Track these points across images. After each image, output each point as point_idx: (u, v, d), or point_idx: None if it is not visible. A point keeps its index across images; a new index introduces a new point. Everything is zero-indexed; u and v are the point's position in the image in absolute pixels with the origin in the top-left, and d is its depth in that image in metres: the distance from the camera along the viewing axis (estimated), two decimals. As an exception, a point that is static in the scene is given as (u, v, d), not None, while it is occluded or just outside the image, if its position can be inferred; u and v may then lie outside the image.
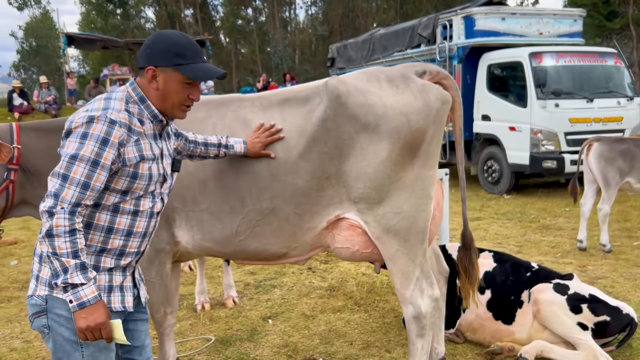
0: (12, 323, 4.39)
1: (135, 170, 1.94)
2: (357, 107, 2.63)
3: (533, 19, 10.36)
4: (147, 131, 2.00)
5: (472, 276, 3.08)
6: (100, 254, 1.96)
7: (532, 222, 7.51)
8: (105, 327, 1.83)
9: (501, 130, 9.64)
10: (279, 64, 36.10)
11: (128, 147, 1.91)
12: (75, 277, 1.77)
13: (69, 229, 1.77)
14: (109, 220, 1.95)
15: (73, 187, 1.80)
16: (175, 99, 2.00)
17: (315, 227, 2.80)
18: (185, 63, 1.96)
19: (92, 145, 1.82)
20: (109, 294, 1.98)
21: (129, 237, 2.01)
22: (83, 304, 1.78)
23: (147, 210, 2.03)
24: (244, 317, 4.37)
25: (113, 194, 1.94)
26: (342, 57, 14.54)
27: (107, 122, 1.85)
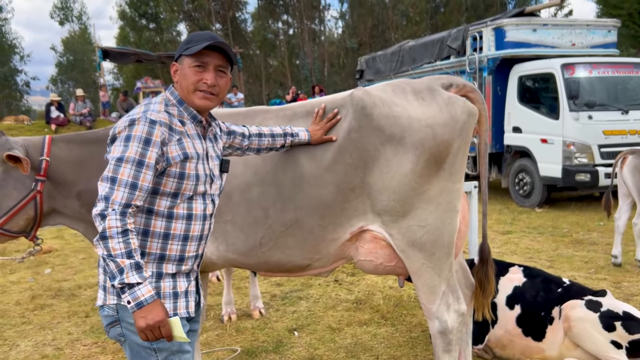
0: (45, 330, 4.49)
1: (182, 171, 1.96)
2: (383, 118, 2.63)
3: (565, 30, 10.21)
4: (190, 131, 2.03)
5: (486, 290, 3.05)
6: (161, 261, 1.99)
7: (565, 237, 7.33)
8: (165, 325, 1.83)
9: (533, 143, 9.48)
10: (308, 76, 36.35)
11: (171, 146, 1.93)
12: (131, 277, 1.78)
13: (122, 229, 1.79)
14: (165, 226, 1.97)
15: (122, 189, 1.83)
16: (188, 84, 2.03)
17: (339, 239, 2.79)
18: (189, 46, 2.01)
19: (136, 146, 1.86)
20: (175, 300, 2.00)
21: (186, 241, 2.02)
22: (141, 304, 1.79)
23: (200, 213, 2.05)
24: (270, 329, 4.37)
25: (164, 198, 1.96)
26: (370, 69, 14.56)
27: (148, 122, 1.89)
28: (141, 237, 1.95)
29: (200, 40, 2.02)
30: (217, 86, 2.06)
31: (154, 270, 1.97)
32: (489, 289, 3.10)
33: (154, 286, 1.86)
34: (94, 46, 26.02)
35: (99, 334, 4.36)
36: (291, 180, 2.74)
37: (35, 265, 6.63)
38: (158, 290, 1.97)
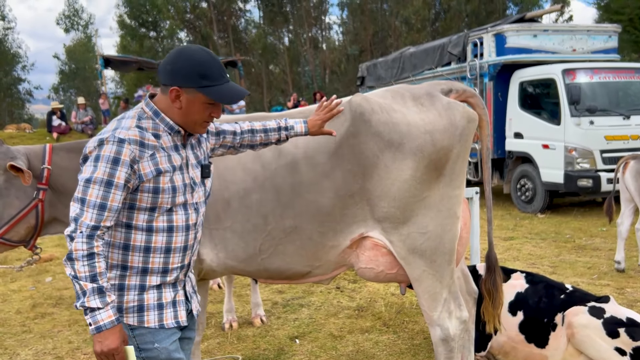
0: (45, 339, 4.47)
1: (156, 185, 1.91)
2: (381, 124, 2.62)
3: (566, 36, 10.21)
4: (165, 144, 1.96)
5: (495, 300, 2.99)
6: (144, 274, 1.97)
7: (567, 242, 7.30)
8: (118, 353, 1.82)
9: (534, 148, 9.47)
10: (310, 83, 36.43)
11: (143, 162, 1.88)
12: (92, 301, 1.78)
13: (87, 252, 1.79)
14: (145, 240, 1.95)
15: (90, 210, 1.81)
16: (197, 117, 1.98)
17: (339, 246, 2.78)
18: (211, 85, 1.92)
19: (104, 166, 1.83)
20: (160, 311, 1.99)
21: (169, 253, 1.99)
22: (99, 328, 1.79)
23: (181, 224, 2.00)
24: (271, 337, 4.35)
25: (141, 212, 1.93)
26: (371, 75, 14.58)
27: (116, 141, 1.84)
28: (122, 252, 1.94)
29: (217, 77, 1.94)
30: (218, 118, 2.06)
31: (137, 283, 1.96)
32: (498, 298, 3.05)
33: (115, 310, 1.83)
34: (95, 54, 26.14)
35: (100, 342, 4.33)
36: (290, 187, 2.73)
37: (36, 273, 6.61)
38: (141, 302, 1.96)
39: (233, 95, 1.96)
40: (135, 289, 1.95)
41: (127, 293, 1.95)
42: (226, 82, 1.97)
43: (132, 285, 1.95)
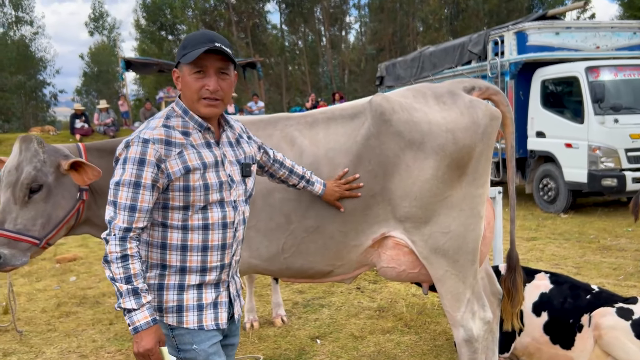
0: (70, 337, 4.54)
1: (186, 183, 1.89)
2: (402, 124, 2.60)
3: (589, 33, 10.04)
4: (195, 141, 1.94)
5: (514, 298, 2.98)
6: (183, 273, 1.96)
7: (592, 243, 7.17)
8: (153, 354, 1.83)
9: (557, 147, 9.33)
10: (328, 83, 36.44)
11: (170, 160, 1.87)
12: (127, 302, 1.80)
13: (120, 254, 1.80)
14: (181, 238, 1.94)
15: (122, 212, 1.83)
16: (191, 92, 1.93)
17: (361, 245, 2.77)
18: (186, 52, 1.89)
19: (131, 168, 1.83)
20: (199, 312, 1.97)
21: (206, 251, 1.96)
22: (136, 329, 1.81)
23: (217, 222, 1.96)
24: (292, 337, 4.35)
25: (176, 211, 1.91)
26: (390, 75, 14.52)
27: (141, 142, 1.85)
28: (160, 251, 1.94)
29: (196, 44, 1.90)
30: (220, 90, 1.94)
31: (177, 283, 1.95)
32: (517, 297, 3.04)
33: (152, 311, 1.84)
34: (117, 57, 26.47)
35: (123, 341, 4.39)
36: (312, 187, 2.73)
37: (60, 273, 6.72)
38: (181, 302, 1.95)
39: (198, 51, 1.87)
40: (174, 289, 1.95)
41: (166, 292, 1.95)
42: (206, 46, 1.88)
43: (172, 285, 1.95)
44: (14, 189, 2.57)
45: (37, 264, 7.04)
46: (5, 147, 15.23)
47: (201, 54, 1.86)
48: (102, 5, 41.59)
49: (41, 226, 2.59)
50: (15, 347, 4.38)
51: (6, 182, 2.59)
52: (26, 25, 36.55)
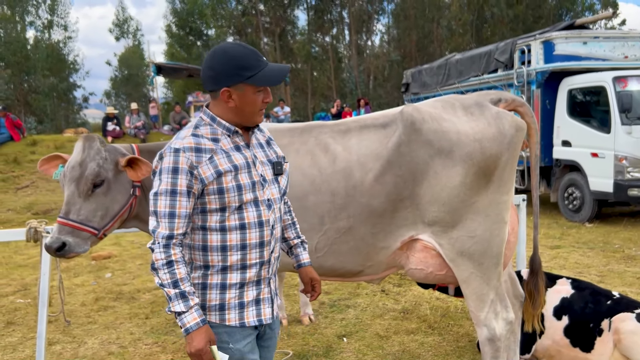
0: (109, 330, 4.79)
1: (220, 186, 1.98)
2: (431, 133, 2.77)
3: (617, 43, 10.04)
4: (225, 146, 2.04)
5: (536, 301, 3.11)
6: (225, 272, 2.04)
7: (616, 252, 7.20)
8: (205, 353, 1.91)
9: (583, 157, 9.35)
10: (353, 89, 36.61)
11: (202, 166, 1.96)
12: (176, 306, 1.90)
13: (166, 261, 1.91)
14: (221, 239, 2.03)
15: (163, 220, 1.94)
16: (253, 108, 2.05)
17: (389, 247, 2.93)
18: (254, 74, 1.99)
19: (166, 177, 1.94)
20: (241, 310, 2.05)
21: (245, 250, 2.04)
22: (187, 330, 1.91)
23: (253, 220, 2.05)
24: (319, 334, 4.53)
25: (214, 214, 2.01)
26: (416, 82, 14.62)
27: (172, 152, 1.96)
28: (202, 252, 2.04)
29: (257, 65, 2.00)
30: (270, 101, 2.12)
31: (219, 282, 2.05)
32: (539, 300, 3.17)
33: (200, 312, 1.94)
34: (147, 61, 27.08)
35: (159, 334, 4.62)
36: (344, 190, 2.91)
37: (96, 269, 7.02)
38: (223, 301, 2.04)
39: (278, 75, 2.03)
40: (217, 288, 2.05)
41: (209, 292, 2.05)
42: (265, 65, 2.02)
43: (214, 284, 2.05)
44: (78, 183, 2.81)
45: (74, 261, 7.36)
46: (40, 148, 15.76)
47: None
48: (125, 11, 42.42)
49: (100, 218, 2.83)
50: (59, 337, 4.65)
51: (70, 177, 2.83)
52: (61, 29, 37.60)
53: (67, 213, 2.76)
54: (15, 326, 4.98)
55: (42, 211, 11.59)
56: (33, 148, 15.74)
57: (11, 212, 11.78)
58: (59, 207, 11.48)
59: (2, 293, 6.03)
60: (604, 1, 38.19)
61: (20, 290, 6.14)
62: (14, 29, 34.70)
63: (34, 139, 16.58)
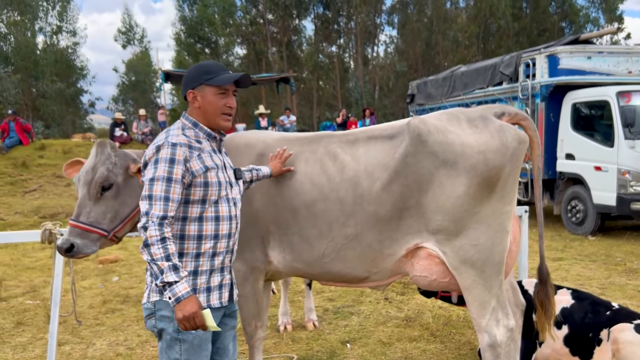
0: (117, 332, 4.88)
1: (206, 180, 2.32)
2: (437, 144, 2.87)
3: (622, 58, 10.13)
4: (206, 148, 2.40)
5: (548, 310, 3.17)
6: (198, 259, 2.33)
7: (618, 265, 7.26)
8: (198, 316, 2.13)
9: (586, 170, 9.42)
10: (359, 99, 36.78)
11: (193, 161, 2.30)
12: (169, 276, 2.11)
13: (160, 237, 2.14)
14: (197, 229, 2.33)
15: (158, 202, 2.19)
16: (214, 109, 2.40)
17: (395, 254, 3.02)
18: (212, 77, 2.38)
19: (164, 166, 2.23)
20: (208, 294, 2.37)
21: (217, 239, 2.37)
22: (179, 298, 2.11)
23: (226, 214, 2.40)
24: (323, 340, 4.61)
25: (195, 205, 2.32)
26: (421, 93, 14.74)
27: (170, 145, 2.27)
28: (179, 241, 2.30)
29: (217, 71, 2.40)
30: (234, 108, 2.47)
31: (191, 269, 2.32)
32: (551, 309, 3.23)
33: (190, 283, 2.20)
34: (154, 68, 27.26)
35: (166, 337, 4.71)
36: (352, 198, 3.01)
37: (103, 273, 7.12)
38: (194, 286, 2.32)
39: (230, 78, 2.39)
40: (190, 275, 2.32)
41: None
42: (226, 73, 2.41)
43: (188, 272, 2.30)
44: (89, 187, 2.92)
45: (81, 264, 7.47)
46: (48, 152, 15.94)
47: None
48: (131, 18, 42.78)
49: (110, 220, 2.93)
50: (68, 337, 4.75)
51: (83, 180, 2.95)
52: (69, 35, 37.97)
53: (77, 215, 2.88)
54: (25, 326, 5.09)
55: (49, 214, 11.72)
56: (41, 152, 15.92)
57: (19, 215, 11.91)
58: (66, 211, 11.65)
59: (12, 294, 6.14)
60: (610, 15, 38.40)
61: (29, 292, 6.25)
62: (24, 34, 35.06)
63: (43, 144, 16.77)
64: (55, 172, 14.75)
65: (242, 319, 3.38)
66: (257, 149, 3.28)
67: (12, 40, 34.61)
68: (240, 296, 3.28)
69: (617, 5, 38.67)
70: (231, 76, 2.40)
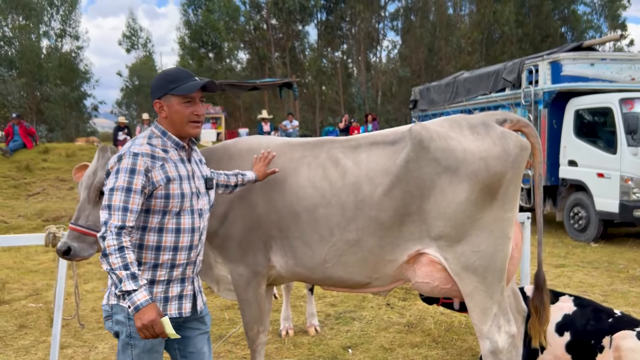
0: (119, 335, 4.89)
1: (167, 192, 2.30)
2: (439, 151, 2.88)
3: (624, 65, 10.15)
4: (173, 157, 2.38)
5: (542, 317, 3.18)
6: (155, 269, 2.33)
7: (621, 272, 7.24)
8: (156, 324, 2.13)
9: (589, 177, 9.42)
10: (361, 104, 36.83)
11: (154, 171, 2.28)
12: (128, 285, 2.11)
13: (118, 247, 2.13)
14: (157, 240, 2.32)
15: (116, 213, 2.17)
16: (181, 118, 2.38)
17: (396, 260, 3.03)
18: (176, 86, 2.35)
19: (123, 176, 2.22)
20: (165, 304, 2.36)
21: (176, 251, 2.36)
22: (137, 307, 2.11)
23: (188, 226, 2.38)
24: (325, 345, 4.61)
25: (155, 216, 2.31)
26: (424, 99, 14.76)
27: (131, 155, 2.25)
28: (137, 250, 2.29)
29: (182, 79, 2.37)
30: (202, 115, 2.46)
31: (148, 278, 2.31)
32: (545, 316, 3.24)
33: (148, 292, 2.16)
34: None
35: (168, 341, 4.72)
36: (353, 203, 3.02)
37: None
38: (151, 295, 2.25)
39: (194, 86, 2.37)
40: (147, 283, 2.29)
41: None
42: (191, 80, 2.38)
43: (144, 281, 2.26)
44: (89, 191, 2.96)
45: (84, 268, 7.48)
46: (52, 156, 16.00)
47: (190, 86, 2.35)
48: (135, 22, 42.96)
49: None
50: (70, 341, 4.76)
51: (85, 184, 2.99)
52: (72, 39, 38.12)
53: (77, 219, 2.93)
54: (27, 329, 5.10)
55: (52, 218, 11.74)
56: (45, 156, 15.97)
57: (22, 219, 11.93)
58: (69, 214, 11.68)
59: (15, 297, 6.16)
60: (613, 22, 38.45)
61: (32, 295, 6.27)
62: (28, 38, 35.23)
63: (46, 147, 16.82)
64: (59, 175, 14.81)
65: (244, 324, 3.39)
66: (259, 153, 3.30)
67: (17, 44, 34.76)
68: (243, 301, 3.30)
69: (619, 12, 38.75)
70: (195, 84, 2.37)
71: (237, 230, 3.23)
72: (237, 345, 4.63)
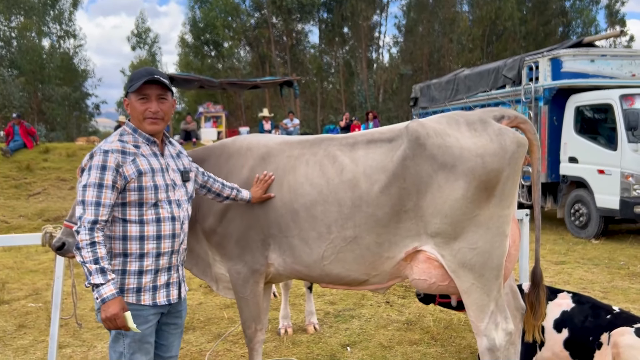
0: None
1: (140, 184, 2.41)
2: (435, 148, 2.87)
3: (625, 61, 10.12)
4: (145, 152, 2.50)
5: (537, 312, 3.18)
6: (142, 259, 2.44)
7: (621, 269, 7.23)
8: (119, 317, 2.24)
9: (589, 173, 9.40)
10: (363, 102, 36.78)
11: (126, 166, 2.39)
12: (96, 279, 2.23)
13: (89, 242, 2.25)
14: (139, 230, 2.43)
15: (89, 208, 2.29)
16: (137, 115, 2.50)
17: (394, 257, 3.02)
18: (132, 84, 2.48)
19: (95, 173, 2.33)
20: (154, 292, 2.48)
21: (160, 240, 2.47)
22: (104, 300, 2.23)
23: (167, 215, 2.50)
24: (324, 343, 4.61)
25: (132, 208, 2.42)
26: (425, 96, 14.74)
27: (102, 152, 2.38)
28: (122, 242, 2.41)
29: (139, 77, 2.47)
30: (160, 111, 2.52)
31: (136, 269, 2.43)
32: (540, 311, 3.24)
33: (117, 285, 2.29)
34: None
35: (167, 340, 4.72)
36: (351, 200, 3.01)
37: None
38: (139, 285, 2.44)
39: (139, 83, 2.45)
40: (135, 274, 2.44)
41: (128, 277, 2.43)
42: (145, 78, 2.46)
43: (133, 271, 2.43)
44: None
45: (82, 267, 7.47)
46: (52, 156, 16.00)
47: (144, 84, 2.46)
48: (145, 22, 42.94)
49: None
50: (69, 340, 4.76)
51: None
52: (71, 38, 38.13)
53: (71, 216, 3.03)
54: (26, 329, 5.11)
55: (53, 218, 11.76)
56: (45, 155, 15.98)
57: (23, 218, 11.95)
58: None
59: (14, 297, 6.17)
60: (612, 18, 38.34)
61: (31, 295, 6.27)
62: (29, 38, 35.23)
63: (47, 147, 16.82)
64: (59, 175, 14.82)
65: (242, 322, 3.39)
66: (259, 152, 3.31)
67: (17, 44, 34.77)
68: (240, 298, 3.30)
69: (618, 8, 38.65)
70: (141, 80, 2.46)
71: (235, 228, 3.23)
72: (235, 344, 4.63)
